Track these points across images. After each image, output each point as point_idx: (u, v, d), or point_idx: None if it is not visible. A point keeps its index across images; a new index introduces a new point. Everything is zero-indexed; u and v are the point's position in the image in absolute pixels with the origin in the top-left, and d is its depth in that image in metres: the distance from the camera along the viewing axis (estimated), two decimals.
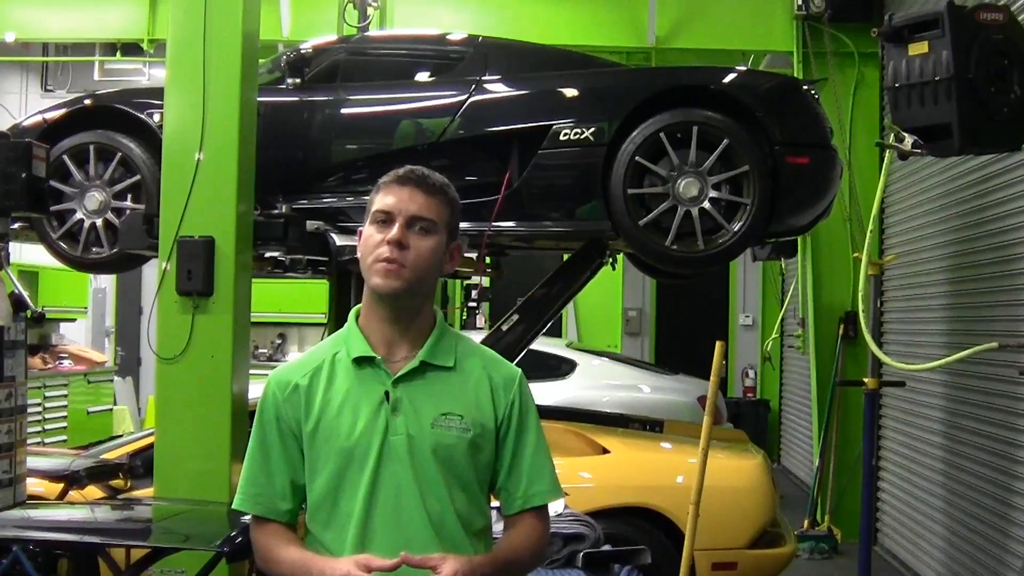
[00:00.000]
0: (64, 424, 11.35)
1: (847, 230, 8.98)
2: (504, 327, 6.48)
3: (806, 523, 8.97)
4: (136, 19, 9.93)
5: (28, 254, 10.46)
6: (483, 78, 6.23)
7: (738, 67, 8.12)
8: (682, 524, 5.50)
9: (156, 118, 5.98)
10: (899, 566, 8.00)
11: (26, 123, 6.49)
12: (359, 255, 2.53)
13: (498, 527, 2.61)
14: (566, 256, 7.12)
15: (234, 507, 2.56)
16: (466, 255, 8.19)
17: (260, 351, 14.34)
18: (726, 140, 5.66)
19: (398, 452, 2.44)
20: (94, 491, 5.73)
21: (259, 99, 5.52)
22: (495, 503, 2.61)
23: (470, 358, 2.56)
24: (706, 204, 5.67)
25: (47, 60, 14.10)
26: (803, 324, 10.07)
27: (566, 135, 5.88)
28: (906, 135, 5.13)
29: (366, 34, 8.18)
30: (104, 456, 6.21)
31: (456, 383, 2.52)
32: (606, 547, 4.95)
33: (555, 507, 4.44)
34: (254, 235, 5.43)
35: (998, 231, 6.33)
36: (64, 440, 11.04)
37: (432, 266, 2.50)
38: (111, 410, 12.57)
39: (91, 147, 6.21)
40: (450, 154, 6.17)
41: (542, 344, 9.15)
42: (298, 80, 6.34)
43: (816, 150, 5.94)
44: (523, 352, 6.65)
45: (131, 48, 10.99)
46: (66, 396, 11.44)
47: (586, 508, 5.29)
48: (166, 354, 5.15)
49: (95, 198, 6.18)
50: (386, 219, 2.49)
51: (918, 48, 4.78)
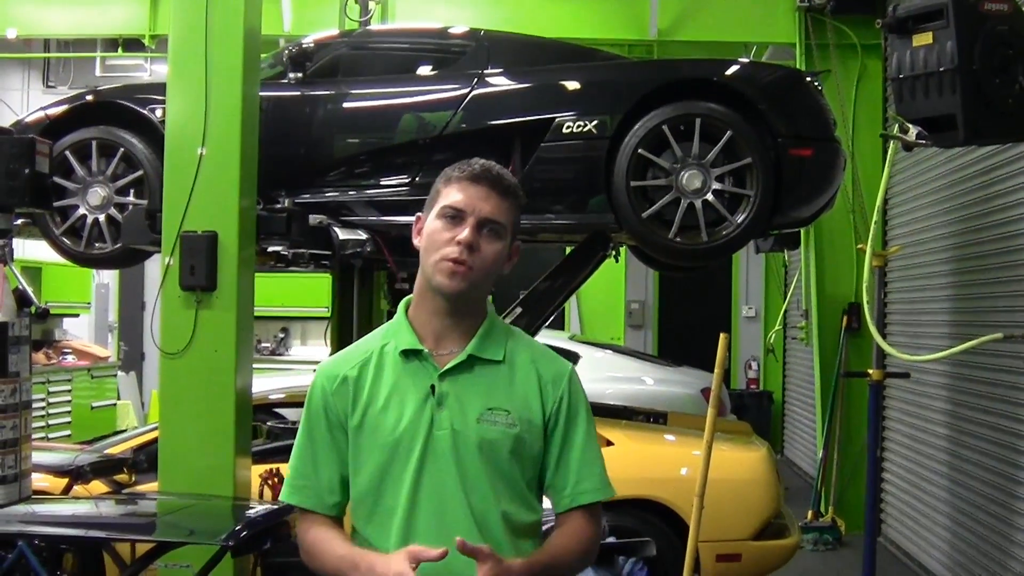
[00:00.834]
0: (68, 419, 11.36)
1: (850, 222, 8.97)
2: (507, 320, 6.47)
3: (810, 515, 8.97)
4: (137, 15, 9.92)
5: (31, 250, 10.46)
6: (485, 71, 6.22)
7: (741, 59, 8.10)
8: (686, 516, 5.50)
9: (158, 113, 5.98)
10: (903, 557, 8.00)
11: (28, 119, 6.49)
12: (420, 246, 2.47)
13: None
14: (569, 249, 7.11)
15: (280, 498, 2.53)
16: None
17: (263, 345, 14.35)
18: (729, 132, 5.65)
19: (442, 448, 2.41)
20: (98, 486, 5.73)
21: (261, 94, 5.51)
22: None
23: (520, 352, 2.52)
24: (709, 196, 5.66)
25: (49, 56, 14.09)
26: (806, 316, 10.06)
27: (569, 128, 5.87)
28: (910, 126, 5.12)
29: (368, 28, 8.17)
30: (108, 451, 6.22)
31: (504, 378, 2.48)
32: (611, 539, 4.96)
33: None
34: (257, 230, 5.43)
35: (1002, 222, 6.32)
36: (68, 435, 11.05)
37: (496, 268, 2.46)
38: (115, 405, 12.58)
39: (93, 143, 6.20)
40: (452, 148, 6.15)
41: (545, 337, 9.14)
42: (300, 75, 6.33)
43: (819, 142, 5.93)
44: None
45: (133, 44, 10.96)
46: (70, 391, 11.45)
47: None
48: (170, 349, 5.15)
49: (98, 194, 6.18)
50: (456, 216, 2.42)
51: (922, 39, 4.76)
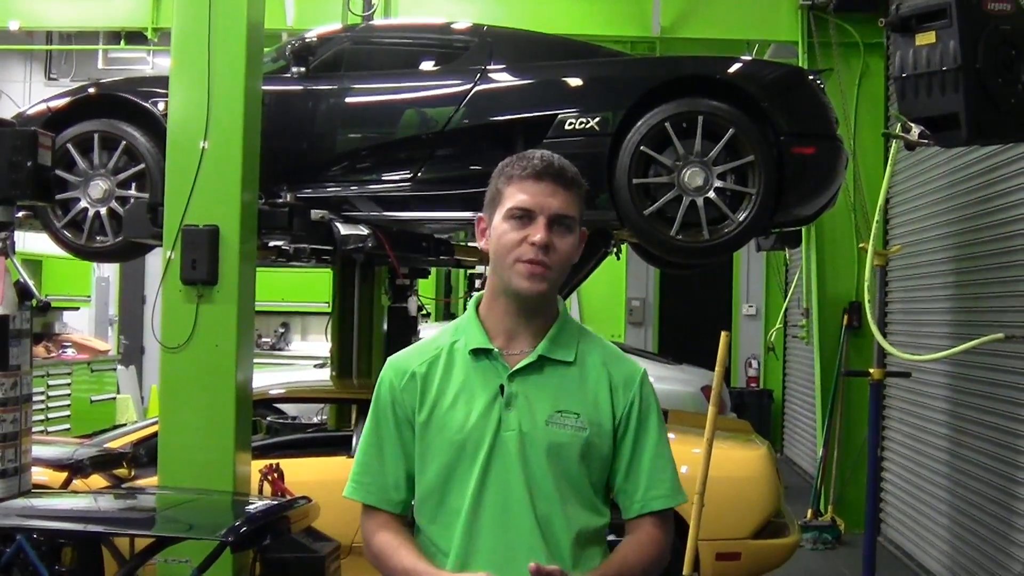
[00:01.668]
0: (67, 413, 11.36)
1: (852, 220, 8.96)
2: None
3: (810, 513, 8.97)
4: (140, 7, 9.90)
5: (32, 243, 10.45)
6: (488, 67, 6.21)
7: (743, 57, 8.09)
8: (686, 514, 5.49)
9: (160, 106, 5.97)
10: (903, 556, 8.00)
11: (30, 112, 6.48)
12: (489, 249, 2.43)
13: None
14: None
15: (345, 495, 2.49)
16: (470, 244, 8.24)
17: (263, 340, 14.35)
18: (731, 130, 5.64)
19: (509, 449, 2.37)
20: (98, 480, 5.73)
21: (264, 88, 5.51)
22: None
23: (591, 354, 2.47)
24: (711, 194, 5.65)
25: (51, 49, 14.07)
26: (807, 314, 10.06)
27: (571, 124, 5.86)
28: (913, 125, 5.11)
29: (371, 23, 8.16)
30: (108, 445, 6.22)
31: (574, 379, 2.43)
32: (610, 537, 4.96)
33: None
34: (259, 224, 5.42)
35: (1004, 221, 6.31)
36: (67, 429, 11.05)
37: (571, 261, 2.43)
38: (114, 399, 12.58)
39: (95, 136, 6.19)
40: (455, 143, 6.16)
41: None
42: (303, 69, 6.33)
43: (821, 140, 5.92)
44: None
45: (135, 37, 10.95)
46: (69, 385, 11.45)
47: None
48: (170, 343, 5.15)
49: (99, 187, 6.17)
50: (524, 216, 2.37)
51: (925, 38, 4.76)
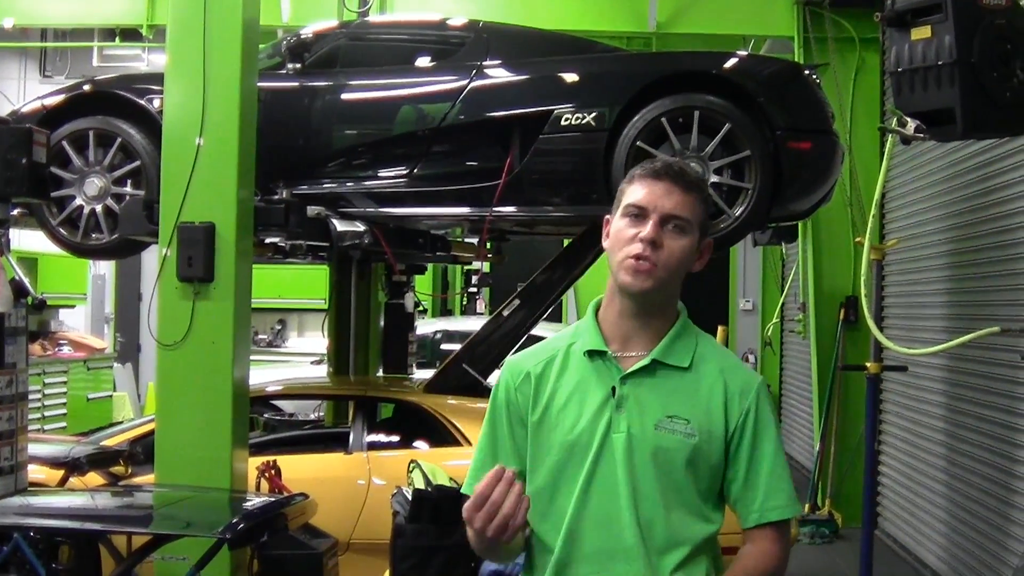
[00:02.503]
0: (64, 411, 11.37)
1: (848, 215, 8.97)
2: (505, 312, 6.48)
3: (807, 508, 8.98)
4: (135, 4, 9.89)
5: (27, 240, 10.45)
6: (484, 63, 6.21)
7: (739, 52, 8.09)
8: None
9: (156, 103, 5.96)
10: (900, 550, 8.01)
11: (25, 109, 6.47)
12: (607, 247, 2.45)
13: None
14: (567, 241, 7.11)
15: (463, 491, 2.51)
16: (467, 240, 8.24)
17: (260, 337, 14.35)
18: (728, 125, 5.64)
19: (616, 451, 2.38)
20: (95, 478, 5.72)
21: (259, 84, 5.50)
22: None
23: (708, 360, 2.46)
24: (707, 189, 5.65)
25: (46, 46, 14.06)
26: (804, 309, 10.06)
27: (567, 120, 5.86)
28: (908, 120, 5.11)
29: (366, 19, 8.16)
30: (104, 443, 6.20)
31: (688, 385, 2.43)
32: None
33: None
34: (255, 221, 5.41)
35: (1000, 216, 6.32)
36: (64, 427, 11.05)
37: (683, 265, 2.42)
38: (111, 397, 12.58)
39: (90, 133, 6.19)
40: (451, 139, 6.15)
41: (543, 330, 9.13)
42: (298, 65, 6.33)
43: (817, 135, 5.92)
44: (524, 337, 6.65)
45: (130, 34, 10.95)
46: (66, 383, 11.45)
47: None
48: (167, 340, 5.14)
49: (95, 184, 6.17)
50: (639, 214, 2.39)
51: (921, 32, 4.75)
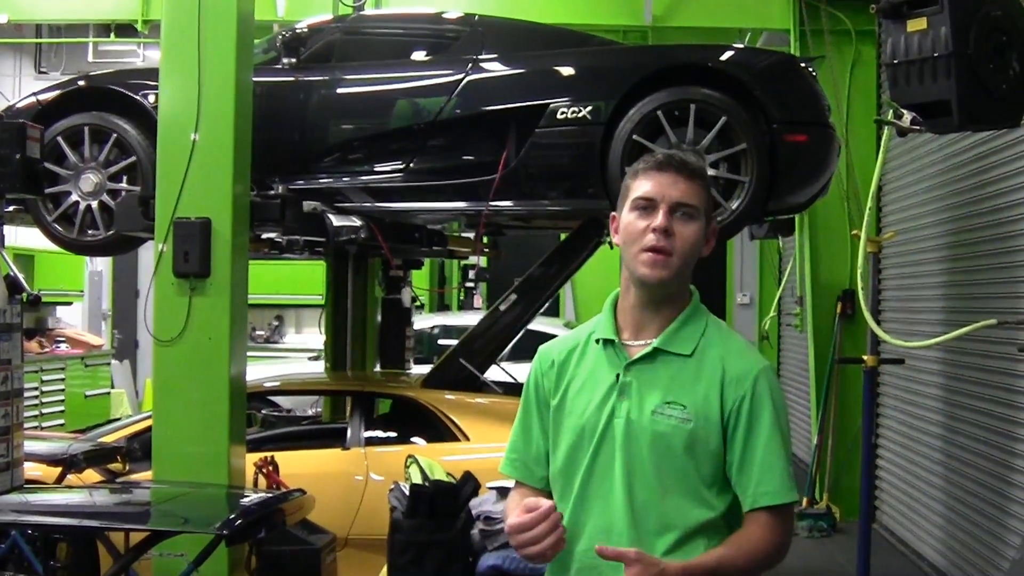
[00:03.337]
0: (62, 408, 11.36)
1: (845, 208, 8.97)
2: (502, 307, 6.48)
3: (805, 501, 8.98)
4: (130, 0, 9.87)
5: (24, 237, 10.43)
6: (480, 57, 6.20)
7: (735, 45, 8.08)
8: None
9: (151, 99, 5.95)
10: (898, 543, 8.02)
11: (20, 105, 6.46)
12: (619, 242, 2.55)
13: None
14: (564, 235, 7.10)
15: (500, 470, 2.72)
16: (463, 235, 8.23)
17: (258, 333, 14.33)
18: (724, 118, 5.62)
19: (615, 436, 2.48)
20: (92, 475, 5.72)
21: (254, 79, 5.49)
22: None
23: (712, 347, 2.53)
24: None
25: (41, 42, 14.02)
26: (801, 302, 10.07)
27: (563, 114, 5.85)
28: (904, 112, 5.10)
29: (362, 13, 8.14)
30: (102, 439, 6.20)
31: (689, 371, 2.50)
32: None
33: None
34: (251, 216, 5.40)
35: (996, 208, 6.31)
36: (62, 424, 11.05)
37: (695, 251, 2.51)
38: (108, 393, 12.58)
39: (86, 129, 6.17)
40: (447, 133, 6.15)
41: (539, 324, 9.14)
42: (294, 60, 6.31)
43: (814, 128, 5.91)
44: (521, 332, 6.65)
45: (125, 29, 10.91)
46: (63, 380, 11.44)
47: None
48: (163, 336, 5.13)
49: (90, 180, 6.15)
50: (647, 206, 2.48)
51: (917, 24, 4.74)
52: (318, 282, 10.45)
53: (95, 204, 6.16)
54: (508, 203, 6.11)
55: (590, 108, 5.82)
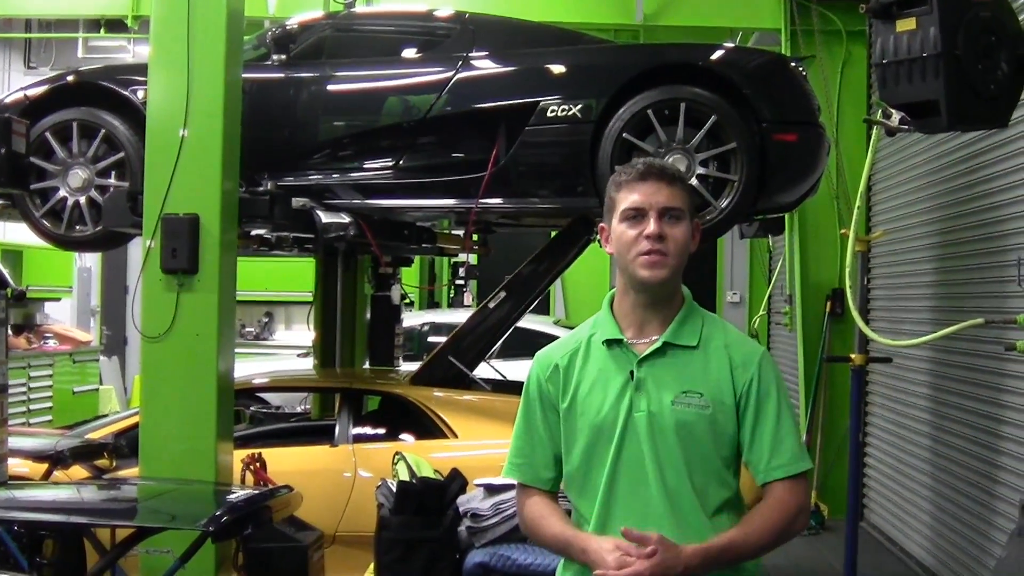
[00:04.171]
0: (49, 404, 11.30)
1: (834, 207, 8.99)
2: (491, 304, 6.47)
3: None
4: None
5: (12, 233, 10.40)
6: (470, 55, 6.19)
7: (726, 44, 8.09)
8: None
9: (140, 95, 5.93)
10: (886, 542, 8.04)
11: (8, 100, 6.43)
12: (612, 252, 2.72)
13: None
14: (553, 233, 7.10)
15: (503, 475, 2.84)
16: (453, 232, 8.23)
17: (247, 330, 14.31)
18: (714, 117, 5.63)
19: (639, 429, 2.64)
20: (79, 471, 5.70)
21: (244, 76, 5.48)
22: None
23: (714, 338, 2.72)
24: (694, 181, 5.63)
25: (30, 37, 13.96)
26: (790, 301, 10.08)
27: (553, 112, 5.85)
28: (893, 112, 5.11)
29: (352, 10, 8.12)
30: (89, 436, 6.18)
31: (698, 362, 2.68)
32: None
33: None
34: (239, 212, 5.39)
35: (984, 208, 6.33)
36: (49, 420, 11.00)
37: (687, 248, 2.69)
38: (97, 390, 12.53)
39: (74, 124, 6.15)
40: (437, 131, 6.14)
41: (529, 322, 9.15)
42: (284, 56, 6.30)
43: (804, 127, 5.92)
44: (510, 330, 6.64)
45: (115, 25, 10.88)
46: (51, 376, 11.39)
47: None
48: (151, 333, 5.12)
49: (78, 176, 6.13)
50: (637, 215, 2.66)
51: (906, 24, 4.75)
52: (309, 279, 10.45)
53: (83, 200, 6.14)
54: (498, 201, 6.11)
55: (580, 106, 5.82)
